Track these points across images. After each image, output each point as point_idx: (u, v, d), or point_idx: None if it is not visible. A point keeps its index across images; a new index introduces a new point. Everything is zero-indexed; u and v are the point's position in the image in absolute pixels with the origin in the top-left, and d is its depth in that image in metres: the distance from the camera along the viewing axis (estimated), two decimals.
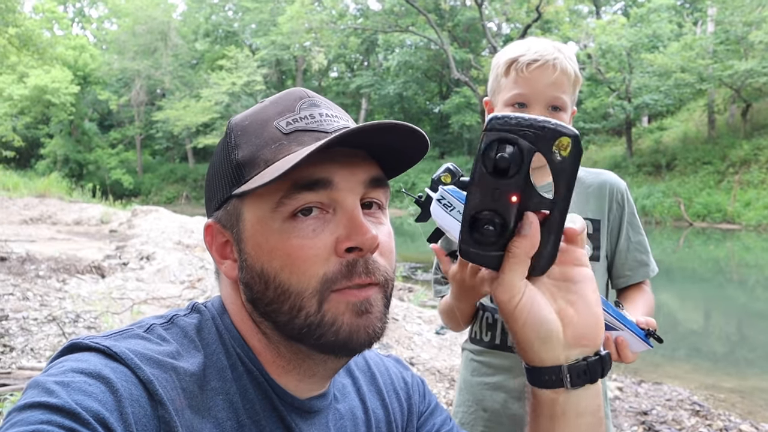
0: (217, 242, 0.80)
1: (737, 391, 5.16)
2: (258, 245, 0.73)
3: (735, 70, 22.83)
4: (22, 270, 7.55)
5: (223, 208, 0.78)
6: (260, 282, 0.74)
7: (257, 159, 0.74)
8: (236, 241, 0.77)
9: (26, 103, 37.21)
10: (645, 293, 1.56)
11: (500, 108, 1.53)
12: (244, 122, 0.78)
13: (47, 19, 36.54)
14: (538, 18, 26.91)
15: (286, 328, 0.73)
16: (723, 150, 24.80)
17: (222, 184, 0.78)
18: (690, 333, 8.18)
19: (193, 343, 0.75)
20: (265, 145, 0.74)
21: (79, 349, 0.68)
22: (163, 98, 39.70)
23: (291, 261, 0.71)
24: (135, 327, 0.75)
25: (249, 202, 0.75)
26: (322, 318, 0.71)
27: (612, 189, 1.57)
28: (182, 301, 6.20)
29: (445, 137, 37.45)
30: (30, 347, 4.34)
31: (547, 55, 1.47)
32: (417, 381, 1.01)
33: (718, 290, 11.63)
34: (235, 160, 0.76)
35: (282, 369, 0.78)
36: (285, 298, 0.72)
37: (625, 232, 1.56)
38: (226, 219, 0.78)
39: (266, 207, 0.73)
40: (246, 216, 0.75)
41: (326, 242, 0.72)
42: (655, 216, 23.08)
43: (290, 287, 0.71)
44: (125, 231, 13.22)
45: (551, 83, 1.46)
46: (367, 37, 38.24)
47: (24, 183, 22.89)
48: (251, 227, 0.74)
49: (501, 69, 1.53)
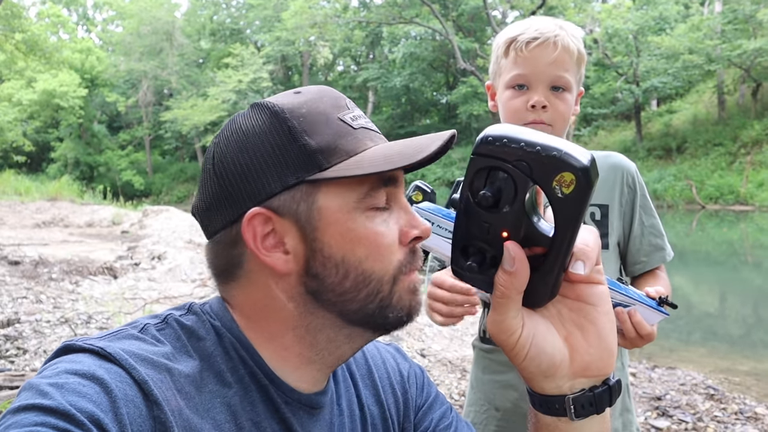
0: (261, 233, 0.74)
1: (752, 374, 5.12)
2: (341, 234, 0.74)
3: (744, 49, 22.59)
4: (35, 273, 7.62)
5: (283, 195, 0.74)
6: (338, 272, 0.74)
7: (337, 148, 0.74)
8: (304, 229, 0.74)
9: (35, 107, 37.55)
10: (661, 279, 1.50)
11: (501, 91, 1.48)
12: (301, 110, 0.76)
13: (53, 24, 36.72)
14: (543, 4, 26.70)
15: (356, 314, 0.76)
16: (734, 131, 24.58)
17: (281, 169, 0.74)
18: (705, 316, 8.13)
19: (187, 345, 0.74)
20: (341, 137, 0.75)
21: (73, 351, 0.68)
22: (170, 98, 39.85)
23: (377, 249, 0.74)
24: (129, 327, 0.74)
25: (327, 189, 0.74)
26: (391, 300, 0.76)
27: (622, 172, 1.49)
28: (194, 300, 6.23)
29: (454, 127, 37.22)
30: (43, 349, 4.39)
31: (548, 33, 1.41)
32: (414, 372, 1.00)
33: (733, 273, 11.54)
34: (308, 146, 0.73)
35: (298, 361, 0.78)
36: (364, 286, 0.74)
37: (638, 217, 1.49)
38: (288, 206, 0.74)
39: (352, 197, 0.74)
40: (322, 203, 0.73)
41: (395, 232, 0.77)
42: (667, 200, 22.94)
43: (373, 274, 0.74)
44: (137, 231, 13.30)
45: (552, 62, 1.40)
46: (372, 30, 38.12)
47: (36, 187, 23.07)
48: (331, 215, 0.73)
49: (500, 50, 1.47)
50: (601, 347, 0.64)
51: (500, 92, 1.49)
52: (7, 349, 4.44)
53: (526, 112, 1.42)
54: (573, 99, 1.46)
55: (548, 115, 1.42)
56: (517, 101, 1.43)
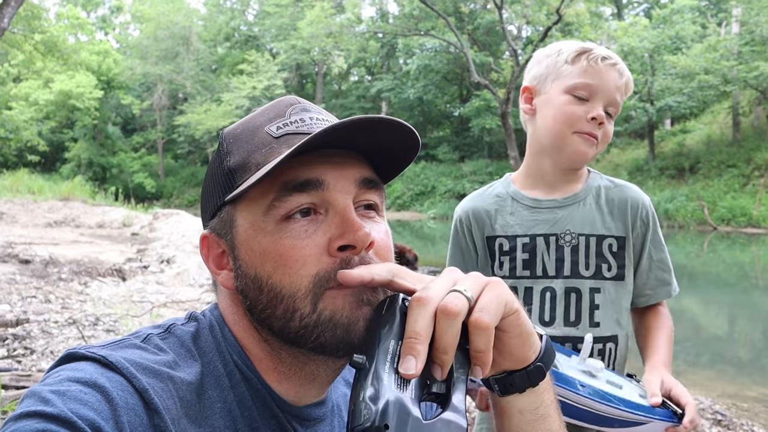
0: (214, 253, 0.79)
1: (761, 400, 5.06)
2: (251, 249, 0.73)
3: (761, 71, 22.46)
4: (45, 273, 7.67)
5: (217, 217, 0.78)
6: (254, 287, 0.73)
7: (248, 163, 0.74)
8: (230, 248, 0.76)
9: (51, 107, 37.96)
10: (662, 318, 1.49)
11: (557, 94, 1.45)
12: (236, 131, 0.79)
13: (71, 26, 37.11)
14: (559, 20, 26.69)
15: (282, 332, 0.73)
16: (748, 153, 24.42)
17: (215, 192, 0.78)
18: (714, 339, 8.04)
19: (189, 353, 0.75)
20: (256, 150, 0.74)
21: (76, 359, 0.68)
22: (184, 102, 40.15)
23: (283, 262, 0.70)
24: (132, 337, 0.75)
25: (241, 207, 0.75)
26: (318, 317, 0.70)
27: (637, 205, 1.49)
28: (201, 305, 6.25)
29: (466, 140, 37.33)
30: (50, 350, 4.40)
31: (617, 59, 1.45)
32: None
33: (743, 296, 11.43)
34: (227, 167, 0.76)
35: (282, 375, 0.77)
36: (278, 302, 0.71)
37: (648, 251, 1.49)
38: (220, 227, 0.77)
39: (258, 210, 0.73)
40: (239, 222, 0.75)
41: (319, 242, 0.71)
42: (678, 220, 22.78)
43: (282, 289, 0.71)
44: (147, 234, 13.38)
45: (618, 86, 1.43)
46: (387, 41, 38.30)
47: (49, 186, 23.28)
48: (244, 232, 0.74)
49: (568, 56, 1.46)
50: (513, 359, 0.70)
51: (555, 95, 1.46)
52: (15, 348, 4.46)
53: (583, 122, 1.42)
54: (612, 127, 1.48)
55: (600, 133, 1.43)
56: (577, 108, 1.43)
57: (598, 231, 1.46)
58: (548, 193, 1.51)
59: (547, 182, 1.52)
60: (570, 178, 1.51)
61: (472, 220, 1.56)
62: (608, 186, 1.51)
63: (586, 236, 1.45)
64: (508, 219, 1.52)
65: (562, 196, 1.50)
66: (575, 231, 1.46)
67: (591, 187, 1.51)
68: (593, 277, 1.43)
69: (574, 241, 1.45)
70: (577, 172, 1.52)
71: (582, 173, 1.54)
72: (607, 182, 1.53)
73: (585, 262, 1.44)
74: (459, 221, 1.59)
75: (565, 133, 1.44)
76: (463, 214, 1.58)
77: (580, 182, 1.52)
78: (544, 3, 28.24)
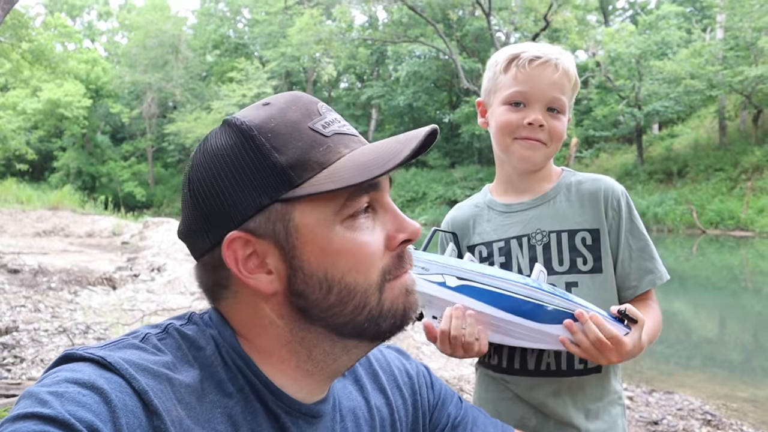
0: (243, 256, 0.74)
1: (751, 400, 5.09)
2: (320, 249, 0.73)
3: (745, 76, 22.69)
4: (35, 282, 7.61)
5: (258, 216, 0.73)
6: (321, 288, 0.73)
7: (308, 161, 0.73)
8: (283, 248, 0.73)
9: (39, 116, 37.74)
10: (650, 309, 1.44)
11: (496, 107, 1.47)
12: (270, 124, 0.74)
13: (59, 34, 36.97)
14: (546, 27, 26.93)
15: (344, 326, 0.75)
16: (735, 156, 24.62)
17: (254, 190, 0.73)
18: (704, 341, 8.09)
19: (188, 355, 0.74)
20: (312, 148, 0.73)
21: (74, 360, 0.68)
22: (174, 110, 40.01)
23: (359, 260, 0.73)
24: (130, 337, 0.74)
25: (304, 206, 0.72)
26: (381, 308, 0.75)
27: (606, 194, 1.46)
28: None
29: (456, 146, 37.42)
30: (40, 358, 4.37)
31: (550, 54, 1.42)
32: (422, 372, 1.01)
33: (733, 298, 11.50)
34: (278, 163, 0.72)
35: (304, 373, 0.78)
36: (350, 299, 0.73)
37: (624, 240, 1.46)
38: (264, 227, 0.73)
39: (328, 209, 0.73)
40: (299, 221, 0.72)
41: (380, 238, 0.75)
42: (668, 224, 22.91)
43: (357, 286, 0.73)
44: (137, 243, 13.31)
45: (553, 82, 1.41)
46: (377, 48, 38.39)
47: (37, 196, 23.07)
48: (309, 231, 0.72)
49: (500, 66, 1.46)
50: None
51: (494, 108, 1.48)
52: (4, 357, 4.42)
53: (521, 128, 1.42)
54: (565, 122, 1.46)
55: (544, 135, 1.43)
56: (513, 116, 1.43)
57: (569, 226, 1.45)
58: (518, 197, 1.52)
59: (516, 187, 1.53)
60: (537, 180, 1.52)
61: (454, 229, 1.58)
62: (580, 181, 1.50)
63: (557, 233, 1.45)
64: (485, 226, 1.53)
65: (532, 197, 1.51)
66: (545, 229, 1.46)
67: (561, 185, 1.50)
68: (569, 272, 1.43)
69: (545, 239, 1.45)
70: (540, 173, 1.52)
71: (551, 173, 1.53)
72: (580, 178, 1.52)
73: (558, 258, 1.44)
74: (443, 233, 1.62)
75: (507, 141, 1.45)
76: (445, 226, 1.62)
77: (550, 182, 1.52)
78: (532, 10, 28.48)
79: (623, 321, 1.25)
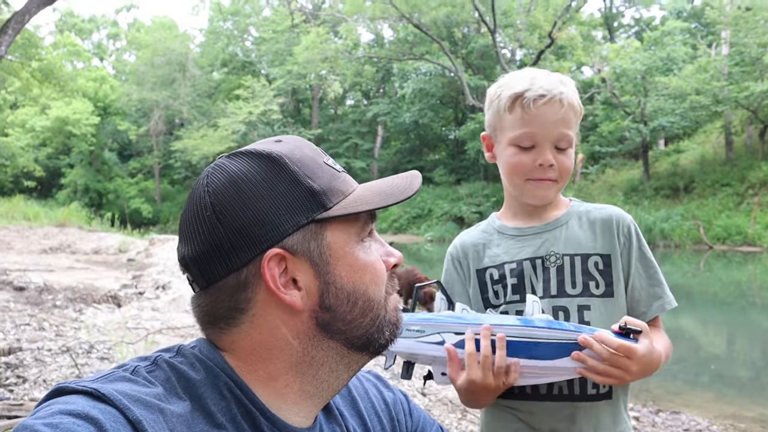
0: (276, 273, 0.77)
1: (759, 420, 5.03)
2: (349, 265, 0.81)
3: (751, 91, 22.71)
4: (40, 300, 7.64)
5: (295, 234, 0.78)
6: (349, 300, 0.81)
7: (334, 189, 0.82)
8: (317, 265, 0.80)
9: (48, 134, 38.08)
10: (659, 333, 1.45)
11: (504, 147, 1.47)
12: (295, 155, 0.82)
13: (68, 53, 37.41)
14: (551, 44, 27.03)
15: (360, 339, 0.82)
16: (742, 172, 24.57)
17: (291, 211, 0.78)
18: (712, 359, 8.01)
19: (177, 387, 0.75)
20: (334, 179, 0.83)
21: (66, 393, 0.68)
22: (181, 128, 40.28)
23: (377, 274, 0.84)
24: (120, 370, 0.75)
25: (334, 226, 0.81)
26: (384, 319, 0.84)
27: (618, 223, 1.48)
28: (196, 331, 6.20)
29: (462, 163, 37.51)
30: (43, 378, 4.36)
31: (554, 90, 1.41)
32: (399, 399, 1.03)
33: (741, 314, 11.41)
34: (312, 188, 0.80)
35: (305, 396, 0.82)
36: (369, 310, 0.82)
37: (635, 269, 1.47)
38: (300, 245, 0.78)
39: (353, 230, 0.83)
40: (331, 239, 0.80)
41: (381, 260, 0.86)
42: (674, 239, 22.81)
43: (374, 298, 0.83)
44: (143, 260, 13.34)
45: (560, 119, 1.40)
46: (383, 66, 38.64)
47: (44, 212, 23.25)
48: (339, 249, 0.81)
49: (504, 104, 1.45)
50: None
51: (502, 147, 1.48)
52: (8, 377, 4.42)
53: (533, 170, 1.43)
54: (573, 153, 1.47)
55: (554, 173, 1.44)
56: (523, 158, 1.44)
57: (582, 250, 1.46)
58: (529, 221, 1.53)
59: (527, 212, 1.54)
60: (548, 209, 1.54)
61: (461, 252, 1.58)
62: (590, 209, 1.53)
63: (570, 256, 1.46)
64: (495, 250, 1.53)
65: (543, 222, 1.52)
66: (560, 252, 1.46)
67: (572, 212, 1.52)
68: (581, 295, 1.43)
69: (559, 261, 1.46)
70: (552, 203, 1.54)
71: (560, 202, 1.56)
72: (588, 207, 1.54)
73: (571, 281, 1.44)
74: (450, 256, 1.61)
75: (519, 182, 1.47)
76: (453, 250, 1.61)
77: (560, 209, 1.54)
78: (537, 27, 28.62)
79: (628, 335, 1.25)
